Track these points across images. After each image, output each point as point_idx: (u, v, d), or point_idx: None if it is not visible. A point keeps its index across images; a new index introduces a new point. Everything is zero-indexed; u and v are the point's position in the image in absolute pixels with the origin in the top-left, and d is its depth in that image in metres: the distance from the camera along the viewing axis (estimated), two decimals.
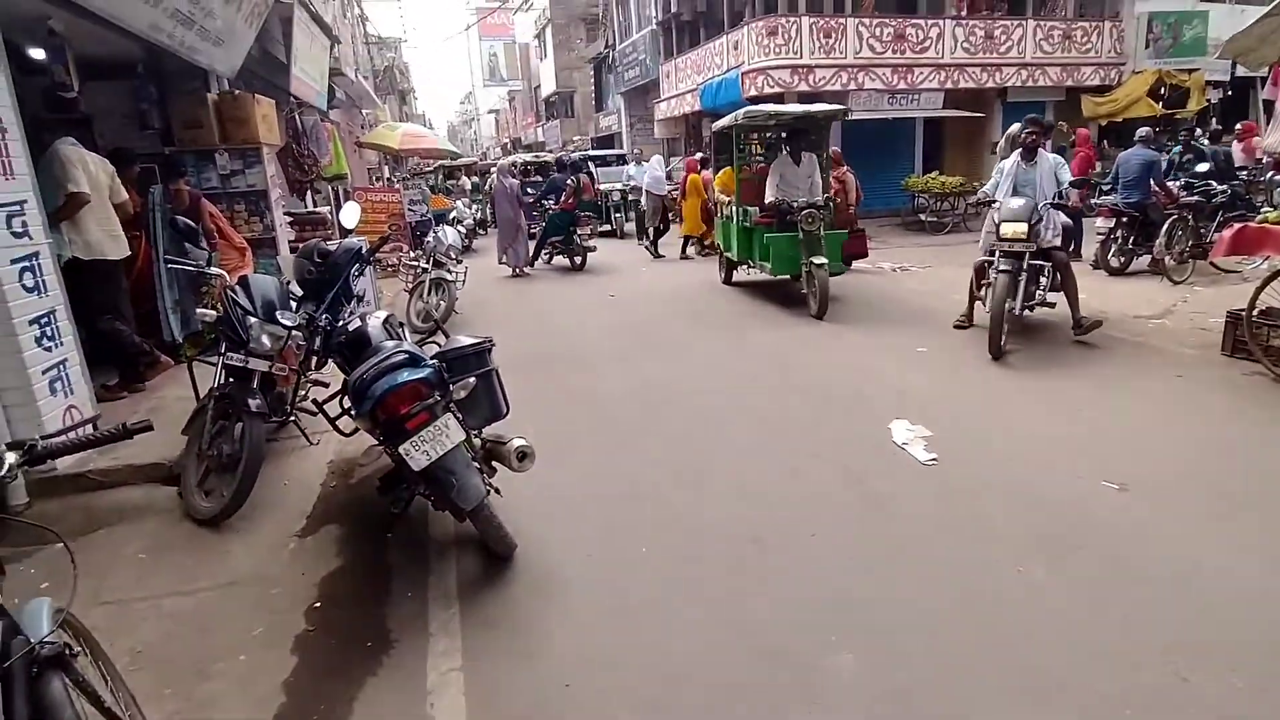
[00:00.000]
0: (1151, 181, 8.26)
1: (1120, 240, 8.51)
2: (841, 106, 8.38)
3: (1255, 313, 4.99)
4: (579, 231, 11.18)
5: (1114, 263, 8.59)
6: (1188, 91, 16.02)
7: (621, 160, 19.59)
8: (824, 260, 7.06)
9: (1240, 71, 14.54)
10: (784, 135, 8.46)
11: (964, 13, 16.24)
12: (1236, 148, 11.17)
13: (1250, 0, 17.03)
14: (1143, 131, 8.93)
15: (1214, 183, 8.74)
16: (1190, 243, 8.09)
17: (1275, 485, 3.43)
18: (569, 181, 11.95)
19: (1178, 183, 8.77)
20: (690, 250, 12.17)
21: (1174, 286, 7.74)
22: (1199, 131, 11.49)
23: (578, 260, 11.29)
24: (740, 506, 3.44)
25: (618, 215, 16.60)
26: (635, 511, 3.45)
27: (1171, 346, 5.68)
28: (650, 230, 12.94)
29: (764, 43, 15.11)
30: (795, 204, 7.29)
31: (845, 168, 9.53)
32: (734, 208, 8.64)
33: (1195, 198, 8.41)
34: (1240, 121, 12.20)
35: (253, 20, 6.26)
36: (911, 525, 3.21)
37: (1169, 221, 7.96)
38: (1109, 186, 9.05)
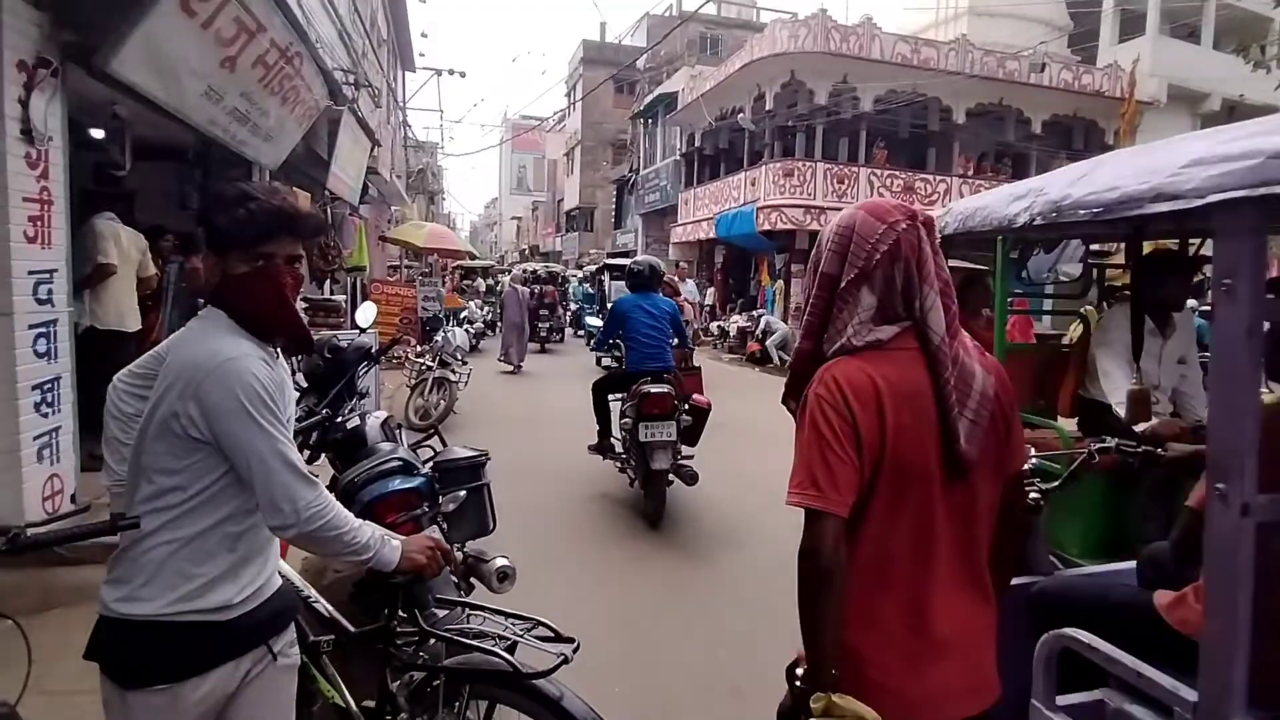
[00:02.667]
0: None
1: None
2: None
3: None
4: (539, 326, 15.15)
5: None
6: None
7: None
8: None
9: None
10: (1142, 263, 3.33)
11: (970, 173, 17.24)
12: None
13: None
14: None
15: None
16: None
17: None
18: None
19: None
20: None
21: None
22: None
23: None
24: (721, 652, 3.30)
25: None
26: (613, 647, 3.31)
27: None
28: None
29: (780, 182, 15.97)
30: None
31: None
32: None
33: None
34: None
35: (303, 121, 6.66)
36: None
37: None
38: None
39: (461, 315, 12.94)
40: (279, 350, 1.60)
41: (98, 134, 5.55)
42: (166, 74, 4.22)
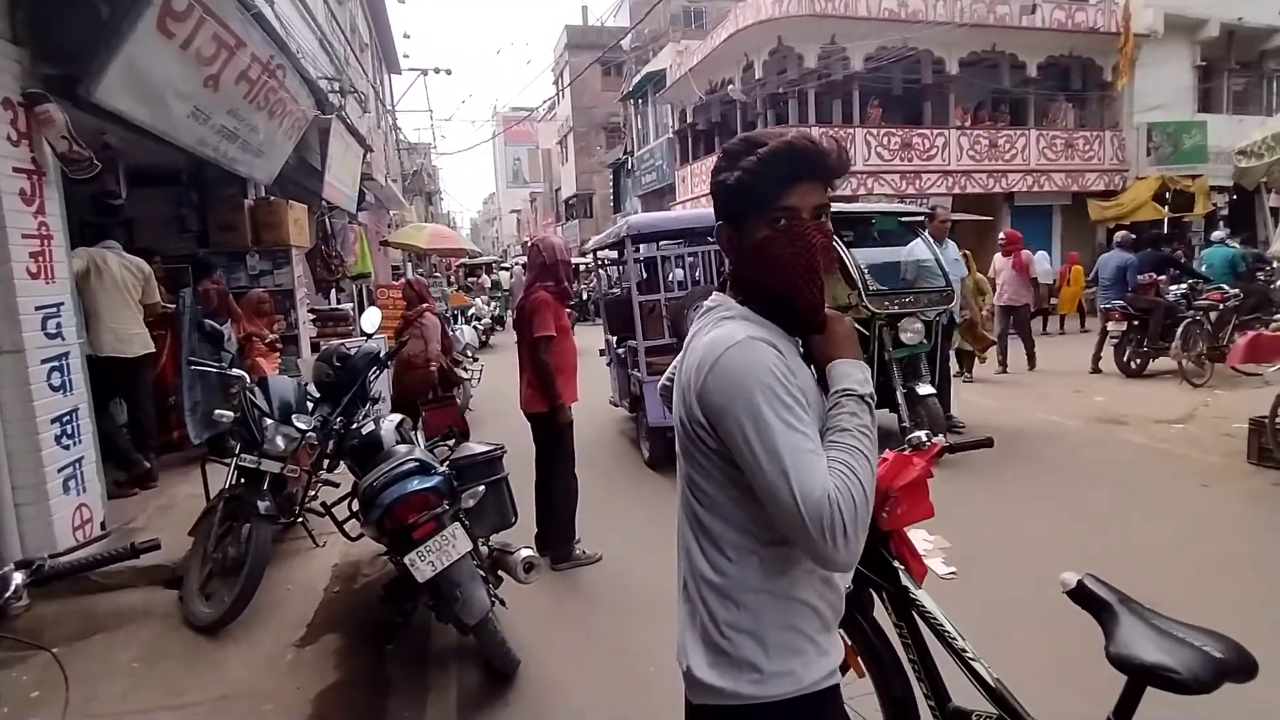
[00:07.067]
0: (1127, 281, 8.65)
1: (1135, 342, 8.54)
2: None
3: (1278, 420, 4.91)
4: None
5: (1131, 364, 8.57)
6: (1193, 196, 16.39)
7: None
8: None
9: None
10: None
11: (967, 124, 16.96)
12: (1004, 263, 9.16)
13: (1246, 111, 17.74)
14: (1119, 236, 9.36)
15: (1225, 286, 8.84)
16: (1207, 345, 8.07)
17: None
18: None
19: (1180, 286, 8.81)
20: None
21: (1194, 389, 7.66)
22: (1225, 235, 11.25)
23: None
24: None
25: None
26: (645, 626, 3.33)
27: (1195, 453, 5.56)
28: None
29: None
30: None
31: None
32: None
33: (1206, 300, 8.49)
34: (1003, 231, 10.37)
35: (293, 133, 6.65)
36: None
37: (1184, 324, 7.98)
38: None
39: (469, 313, 12.98)
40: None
41: None
42: (151, 98, 4.22)
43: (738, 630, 1.17)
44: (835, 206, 5.96)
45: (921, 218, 6.70)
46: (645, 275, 7.42)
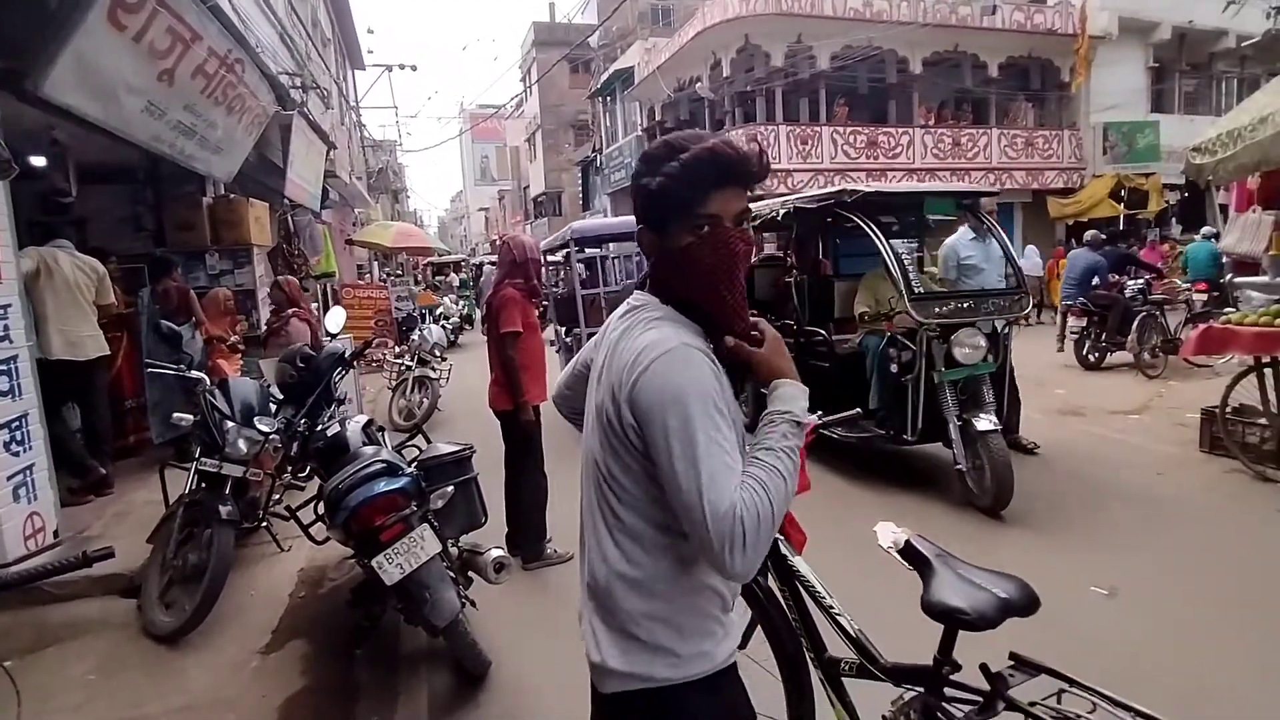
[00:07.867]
0: (1096, 280, 8.80)
1: (1094, 336, 8.77)
2: None
3: (1228, 410, 5.07)
4: None
5: (1090, 358, 8.80)
6: (1147, 193, 16.88)
7: None
8: None
9: None
10: None
11: (931, 122, 17.24)
12: None
13: (1197, 111, 18.31)
14: (1089, 235, 9.50)
15: (1178, 281, 9.15)
16: (1161, 338, 8.32)
17: (1263, 590, 3.38)
18: None
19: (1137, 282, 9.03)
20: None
21: (1149, 381, 7.89)
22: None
23: None
24: None
25: None
26: None
27: (1150, 443, 5.73)
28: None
29: None
30: None
31: None
32: None
33: (1160, 295, 8.76)
34: None
35: (252, 130, 6.50)
36: (894, 635, 3.11)
37: (1140, 318, 8.21)
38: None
39: (437, 312, 12.84)
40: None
41: (39, 162, 5.39)
42: (102, 93, 4.09)
43: (653, 619, 1.20)
44: (876, 187, 5.81)
45: (985, 197, 5.67)
46: (587, 273, 8.37)
